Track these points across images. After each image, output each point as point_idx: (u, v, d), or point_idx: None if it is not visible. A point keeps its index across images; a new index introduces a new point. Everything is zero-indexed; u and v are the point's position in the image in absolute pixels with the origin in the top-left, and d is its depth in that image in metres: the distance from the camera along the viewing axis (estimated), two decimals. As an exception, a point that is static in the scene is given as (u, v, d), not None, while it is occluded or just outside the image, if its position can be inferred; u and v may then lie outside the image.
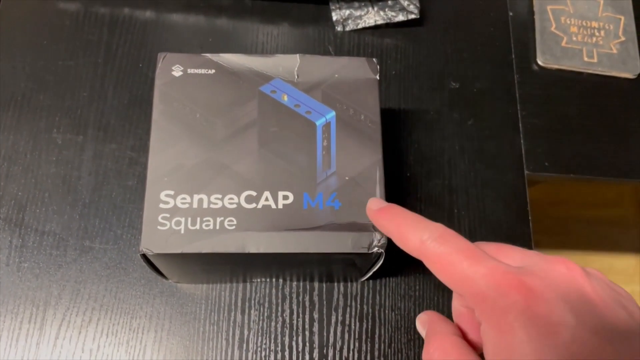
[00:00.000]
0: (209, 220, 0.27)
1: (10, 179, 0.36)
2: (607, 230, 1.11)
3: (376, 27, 0.43)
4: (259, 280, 0.35)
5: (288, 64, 0.31)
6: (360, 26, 0.42)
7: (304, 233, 0.28)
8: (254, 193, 0.28)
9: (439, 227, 0.23)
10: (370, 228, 0.28)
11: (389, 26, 0.43)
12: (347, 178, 0.29)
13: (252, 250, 0.27)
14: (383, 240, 0.28)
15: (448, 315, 0.27)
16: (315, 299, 0.35)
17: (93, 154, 0.37)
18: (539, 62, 0.44)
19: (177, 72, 0.30)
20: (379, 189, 0.29)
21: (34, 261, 0.34)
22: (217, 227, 0.27)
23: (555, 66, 0.44)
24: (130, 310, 0.34)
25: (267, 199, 0.28)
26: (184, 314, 0.34)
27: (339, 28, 0.43)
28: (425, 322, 0.26)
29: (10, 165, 0.36)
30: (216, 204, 0.28)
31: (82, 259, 0.35)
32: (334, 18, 0.42)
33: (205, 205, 0.28)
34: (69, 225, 0.35)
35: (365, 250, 0.28)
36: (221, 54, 0.31)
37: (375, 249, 0.28)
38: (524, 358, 0.19)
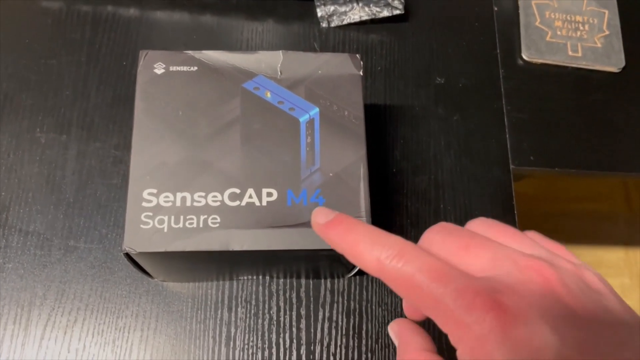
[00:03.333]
0: (192, 218, 0.27)
1: (-7, 179, 0.36)
2: (595, 223, 1.11)
3: (361, 23, 0.43)
4: (245, 277, 0.35)
5: (271, 60, 0.31)
6: (345, 22, 0.42)
7: (288, 230, 0.28)
8: (237, 190, 0.28)
9: (397, 242, 0.21)
10: (354, 224, 0.28)
11: (374, 22, 0.43)
12: (331, 174, 0.29)
13: (236, 247, 0.27)
14: (367, 236, 0.28)
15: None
16: (302, 295, 0.35)
17: (77, 153, 0.37)
18: (524, 57, 0.44)
19: (159, 69, 0.30)
20: (363, 184, 0.29)
21: (18, 261, 0.34)
22: (201, 225, 0.27)
23: (540, 60, 0.44)
24: (116, 310, 0.34)
25: (250, 196, 0.28)
26: (170, 312, 0.34)
27: (324, 24, 0.43)
28: (397, 333, 0.25)
29: (-8, 165, 0.36)
30: (200, 201, 0.28)
31: (66, 259, 0.34)
32: (319, 14, 0.42)
33: (188, 203, 0.27)
34: (53, 225, 0.35)
35: (349, 246, 0.27)
36: (203, 51, 0.31)
37: (360, 244, 0.27)
38: None
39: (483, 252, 0.21)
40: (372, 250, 0.21)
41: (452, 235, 0.22)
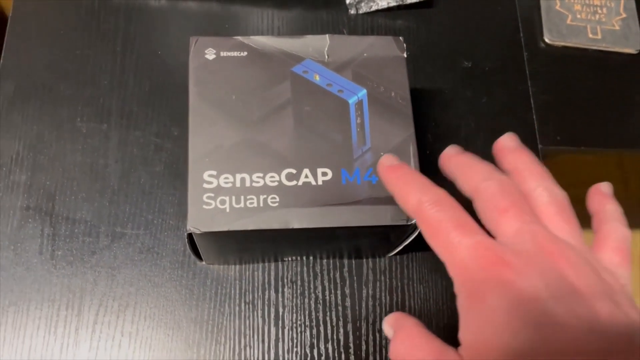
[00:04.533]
0: (252, 198, 0.28)
1: (38, 168, 0.36)
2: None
3: (388, 10, 0.44)
4: (289, 259, 0.36)
5: (318, 44, 0.32)
6: (373, 9, 0.43)
7: (344, 208, 0.28)
8: (293, 170, 0.29)
9: (439, 192, 0.23)
10: (407, 200, 0.29)
11: (401, 8, 0.44)
12: (382, 153, 0.30)
13: (296, 225, 0.28)
14: (420, 212, 0.29)
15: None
16: (346, 275, 0.36)
17: (118, 142, 0.37)
18: (546, 40, 0.45)
19: (210, 55, 0.31)
20: (413, 162, 0.30)
21: (67, 249, 0.35)
22: (261, 205, 0.28)
23: (562, 43, 0.45)
24: (166, 293, 0.34)
25: (306, 176, 0.29)
26: (219, 294, 0.35)
27: (352, 11, 0.43)
28: (392, 323, 0.26)
29: (36, 155, 0.36)
30: (258, 182, 0.28)
31: (114, 245, 0.35)
32: (347, 1, 0.43)
33: (247, 184, 0.28)
34: (99, 213, 0.35)
35: (403, 222, 0.28)
36: (252, 37, 0.31)
37: (413, 220, 0.28)
38: (496, 328, 0.19)
39: (514, 221, 0.22)
40: (417, 193, 0.23)
41: (500, 193, 0.23)
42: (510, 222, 0.22)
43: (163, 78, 0.39)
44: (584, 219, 0.25)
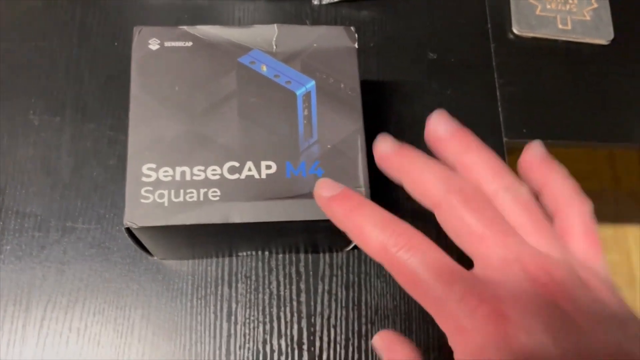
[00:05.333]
0: (192, 192, 0.27)
1: (-12, 162, 0.35)
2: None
3: (352, 0, 0.43)
4: (244, 253, 0.35)
5: (266, 34, 0.31)
6: (336, -1, 0.42)
7: (288, 201, 0.28)
8: (236, 164, 0.28)
9: (406, 230, 0.20)
10: (353, 194, 0.28)
11: (366, -1, 0.43)
12: (329, 146, 0.29)
13: (237, 220, 0.27)
14: (366, 206, 0.28)
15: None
16: (302, 269, 0.35)
17: (71, 135, 0.37)
18: (515, 31, 0.44)
19: (154, 45, 0.30)
20: (361, 156, 0.29)
21: (16, 243, 0.34)
22: (201, 199, 0.27)
23: (531, 34, 0.44)
24: (117, 289, 0.34)
25: (250, 169, 0.28)
26: (171, 289, 0.34)
27: (316, 2, 0.42)
28: (382, 346, 0.25)
29: (-14, 148, 0.36)
30: (199, 175, 0.28)
31: (65, 240, 0.34)
32: (310, -8, 0.42)
33: (188, 178, 0.27)
34: (50, 207, 0.35)
35: (349, 216, 0.28)
36: (198, 26, 0.31)
37: (359, 214, 0.28)
38: None
39: (495, 248, 0.20)
40: (379, 234, 0.20)
41: (469, 212, 0.21)
42: (491, 250, 0.20)
43: (119, 70, 0.39)
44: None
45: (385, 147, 0.24)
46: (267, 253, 0.35)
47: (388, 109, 0.40)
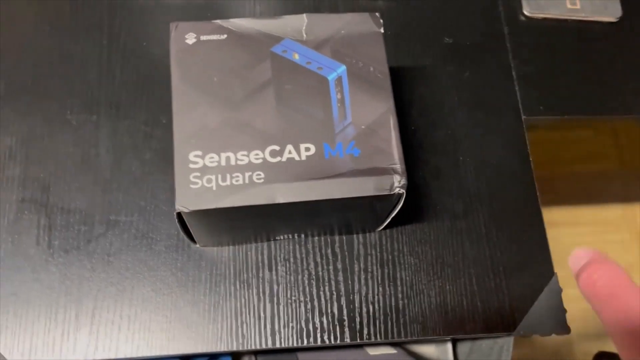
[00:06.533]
0: (238, 176, 0.29)
1: (31, 162, 0.37)
2: (591, 184, 1.14)
3: (368, -10, 0.44)
4: (281, 237, 0.36)
5: (296, 23, 0.32)
6: (352, -10, 0.44)
7: (328, 181, 0.29)
8: (277, 147, 0.29)
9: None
10: (390, 171, 0.29)
11: (380, -12, 0.45)
12: (363, 127, 0.30)
13: (281, 200, 0.29)
14: (403, 181, 0.29)
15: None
16: (337, 250, 0.37)
17: (108, 132, 0.38)
18: (525, 13, 0.46)
19: (190, 39, 0.31)
20: (394, 134, 0.30)
21: (63, 238, 0.35)
22: (247, 182, 0.29)
23: (541, 15, 0.46)
24: (162, 277, 0.35)
25: (290, 152, 0.29)
26: (214, 275, 0.35)
27: (333, -6, 0.44)
28: (580, 257, 0.24)
29: (28, 149, 0.37)
30: (243, 160, 0.29)
31: (109, 233, 0.36)
32: (327, -16, 0.44)
33: (232, 162, 0.29)
34: (93, 202, 0.36)
35: (387, 192, 0.29)
36: (231, 19, 0.32)
37: (397, 189, 0.29)
38: None
39: None
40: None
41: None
42: None
43: (149, 68, 0.40)
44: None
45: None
46: (302, 236, 0.37)
47: (408, 92, 0.42)
